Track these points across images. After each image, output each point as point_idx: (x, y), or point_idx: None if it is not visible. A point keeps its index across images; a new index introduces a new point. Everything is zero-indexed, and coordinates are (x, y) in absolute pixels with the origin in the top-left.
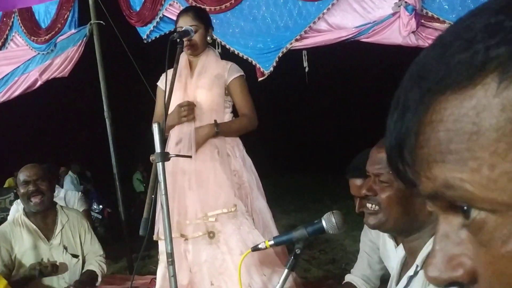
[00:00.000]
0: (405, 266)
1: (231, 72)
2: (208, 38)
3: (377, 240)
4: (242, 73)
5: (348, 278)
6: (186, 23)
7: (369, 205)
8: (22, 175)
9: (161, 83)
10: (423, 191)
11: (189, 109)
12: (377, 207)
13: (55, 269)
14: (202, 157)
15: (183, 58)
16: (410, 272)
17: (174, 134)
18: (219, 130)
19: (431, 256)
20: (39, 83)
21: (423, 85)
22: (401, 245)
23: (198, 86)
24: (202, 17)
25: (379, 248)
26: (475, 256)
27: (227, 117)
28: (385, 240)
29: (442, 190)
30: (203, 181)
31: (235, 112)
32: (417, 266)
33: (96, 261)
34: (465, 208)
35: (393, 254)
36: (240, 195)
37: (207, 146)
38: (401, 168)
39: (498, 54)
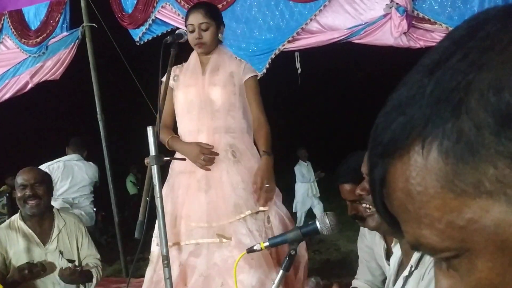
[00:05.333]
0: (401, 266)
1: (246, 71)
2: (220, 36)
3: (372, 244)
4: (257, 73)
5: (355, 283)
6: (197, 20)
7: (363, 206)
8: (19, 179)
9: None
10: (407, 240)
11: (210, 160)
12: (371, 206)
13: (43, 268)
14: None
15: (193, 55)
16: (405, 272)
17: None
18: (269, 151)
19: None
20: (30, 85)
21: (378, 149)
22: (396, 248)
23: (212, 83)
24: (213, 14)
25: (374, 251)
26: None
27: (240, 115)
28: (377, 242)
29: (416, 244)
30: (214, 182)
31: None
32: (412, 266)
33: (93, 264)
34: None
35: (384, 253)
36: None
37: (220, 146)
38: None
39: (418, 120)
